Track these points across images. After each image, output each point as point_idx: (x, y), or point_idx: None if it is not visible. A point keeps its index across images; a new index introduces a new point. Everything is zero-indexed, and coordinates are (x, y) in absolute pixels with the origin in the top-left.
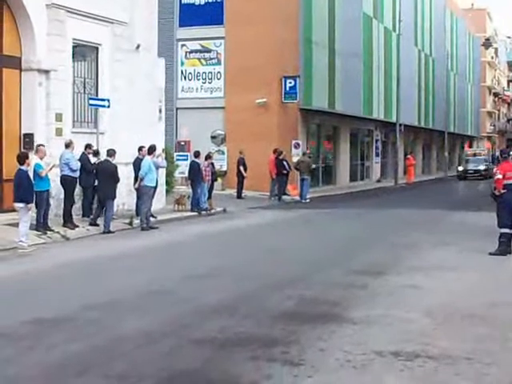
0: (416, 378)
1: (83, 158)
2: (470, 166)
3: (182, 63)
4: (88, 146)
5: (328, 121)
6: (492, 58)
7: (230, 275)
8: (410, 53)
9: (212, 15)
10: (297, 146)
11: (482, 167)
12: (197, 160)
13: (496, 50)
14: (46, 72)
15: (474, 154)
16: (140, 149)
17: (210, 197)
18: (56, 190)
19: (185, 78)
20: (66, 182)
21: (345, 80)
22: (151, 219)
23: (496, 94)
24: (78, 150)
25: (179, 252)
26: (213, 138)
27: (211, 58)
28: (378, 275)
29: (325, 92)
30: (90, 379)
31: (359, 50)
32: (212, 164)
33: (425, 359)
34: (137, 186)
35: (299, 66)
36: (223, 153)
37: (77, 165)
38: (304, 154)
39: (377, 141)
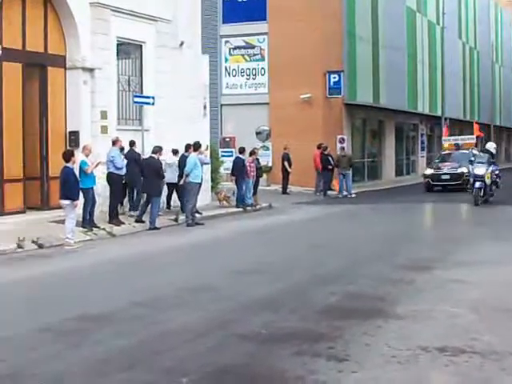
0: (461, 374)
1: (130, 154)
2: (445, 169)
3: (226, 60)
4: (132, 143)
5: (373, 115)
6: None
7: (275, 270)
8: (454, 46)
9: (255, 11)
10: (342, 141)
11: (462, 169)
12: (241, 156)
13: None
14: (91, 70)
15: (458, 147)
16: (187, 147)
17: (255, 193)
18: (102, 187)
19: (229, 74)
20: (111, 179)
21: (389, 74)
22: (196, 215)
23: None
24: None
25: (224, 248)
26: (258, 133)
27: (255, 54)
28: (424, 270)
29: (369, 86)
30: (135, 374)
31: (403, 43)
32: (257, 160)
33: (470, 354)
34: (182, 182)
35: (343, 61)
36: (268, 148)
37: (122, 162)
38: (343, 148)
39: (422, 135)
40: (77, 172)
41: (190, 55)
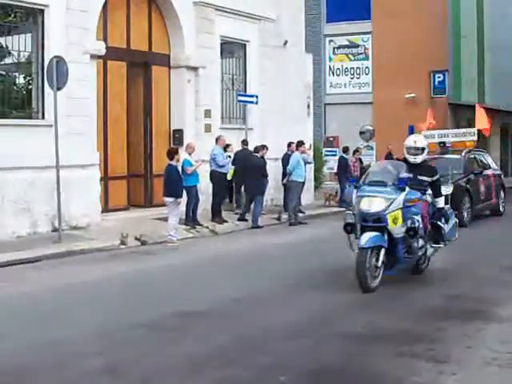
0: None
1: (240, 153)
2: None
3: (330, 59)
4: (245, 142)
5: None
6: None
7: None
8: None
9: (359, 10)
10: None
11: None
12: (345, 155)
13: None
14: (195, 69)
15: (445, 149)
16: (289, 145)
17: None
18: (205, 185)
19: (333, 73)
20: (214, 177)
21: (494, 73)
22: (299, 215)
23: None
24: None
25: (325, 246)
26: (361, 133)
27: (359, 53)
28: None
29: (474, 86)
30: (233, 371)
31: (508, 41)
32: (360, 159)
33: None
34: (285, 181)
35: (448, 60)
36: (372, 148)
37: (224, 160)
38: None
39: None
40: (180, 170)
41: (293, 54)
